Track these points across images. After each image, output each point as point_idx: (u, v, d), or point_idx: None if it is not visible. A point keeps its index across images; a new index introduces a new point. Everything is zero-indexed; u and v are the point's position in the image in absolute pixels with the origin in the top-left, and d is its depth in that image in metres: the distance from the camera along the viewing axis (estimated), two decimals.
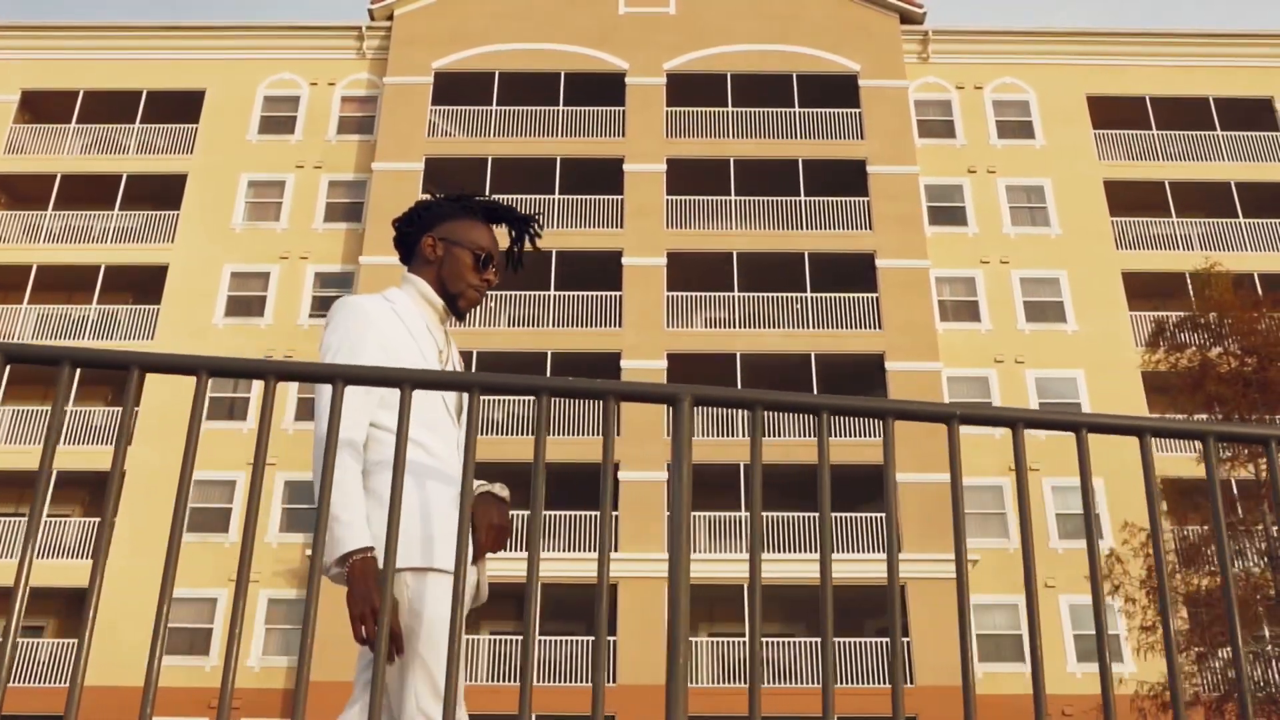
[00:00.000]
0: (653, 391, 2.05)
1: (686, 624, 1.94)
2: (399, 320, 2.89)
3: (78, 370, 2.08)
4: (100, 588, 1.79)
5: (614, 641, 27.78)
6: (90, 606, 1.75)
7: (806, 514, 29.59)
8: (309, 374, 1.98)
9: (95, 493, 31.74)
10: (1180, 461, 30.71)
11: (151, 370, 1.94)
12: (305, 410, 31.52)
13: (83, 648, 1.75)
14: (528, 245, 40.24)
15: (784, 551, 29.21)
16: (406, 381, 1.98)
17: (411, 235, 3.07)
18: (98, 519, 30.27)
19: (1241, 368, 19.14)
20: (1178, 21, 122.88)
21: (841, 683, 27.48)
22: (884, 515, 20.65)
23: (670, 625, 1.93)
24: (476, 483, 2.87)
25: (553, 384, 2.01)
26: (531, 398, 27.93)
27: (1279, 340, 19.29)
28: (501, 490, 2.83)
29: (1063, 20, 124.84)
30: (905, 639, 27.84)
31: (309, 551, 28.70)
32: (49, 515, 31.00)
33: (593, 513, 29.62)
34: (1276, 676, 18.02)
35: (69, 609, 30.39)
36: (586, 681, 27.61)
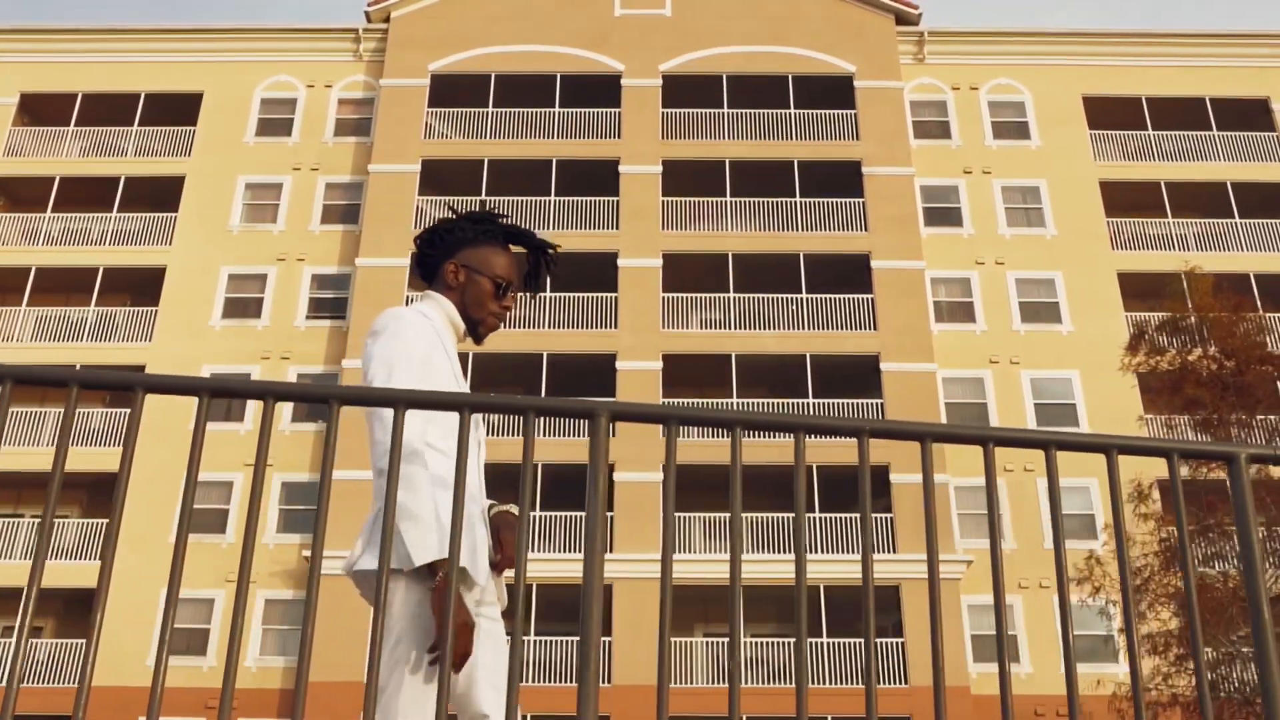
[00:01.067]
0: (572, 407, 2.15)
1: (598, 629, 2.03)
2: (437, 337, 2.99)
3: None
4: (37, 588, 1.88)
5: (609, 642, 27.89)
6: (24, 611, 1.85)
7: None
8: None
9: (94, 494, 31.85)
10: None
11: (91, 388, 2.03)
12: (301, 411, 31.60)
13: (19, 650, 1.85)
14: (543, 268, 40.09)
15: (780, 552, 29.31)
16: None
17: (433, 257, 3.14)
18: (97, 520, 30.32)
19: (1220, 370, 19.19)
20: (1175, 22, 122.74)
21: (837, 683, 27.57)
22: (887, 516, 20.56)
23: (583, 628, 2.03)
24: (488, 500, 3.01)
25: (474, 400, 2.11)
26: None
27: (1257, 343, 19.34)
28: (515, 510, 2.95)
29: (1059, 21, 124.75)
30: (899, 639, 27.94)
31: (306, 553, 28.73)
32: None
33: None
34: (1255, 678, 18.13)
35: (69, 609, 30.50)
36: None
